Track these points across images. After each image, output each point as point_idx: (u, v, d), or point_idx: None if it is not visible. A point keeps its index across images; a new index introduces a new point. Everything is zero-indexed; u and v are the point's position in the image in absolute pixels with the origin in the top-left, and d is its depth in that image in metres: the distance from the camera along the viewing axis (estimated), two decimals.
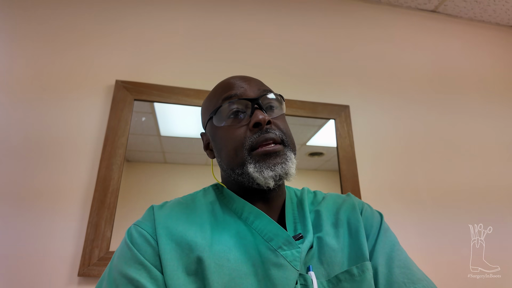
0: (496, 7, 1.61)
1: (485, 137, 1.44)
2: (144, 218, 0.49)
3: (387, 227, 0.53)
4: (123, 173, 1.00)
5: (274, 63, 1.31)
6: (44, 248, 0.89)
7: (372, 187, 1.20)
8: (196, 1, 1.33)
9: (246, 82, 0.53)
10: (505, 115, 1.52)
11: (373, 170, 1.24)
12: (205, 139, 0.59)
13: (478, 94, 1.53)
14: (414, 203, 1.23)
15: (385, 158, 1.27)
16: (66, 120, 1.03)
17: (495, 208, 1.30)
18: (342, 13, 1.50)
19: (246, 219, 0.49)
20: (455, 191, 1.29)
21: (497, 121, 1.49)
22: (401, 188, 1.24)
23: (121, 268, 0.42)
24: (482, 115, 1.48)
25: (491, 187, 1.33)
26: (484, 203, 1.29)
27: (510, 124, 1.50)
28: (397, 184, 1.24)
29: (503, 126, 1.49)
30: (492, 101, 1.53)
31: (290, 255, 0.44)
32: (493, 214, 1.28)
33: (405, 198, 1.22)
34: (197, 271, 0.42)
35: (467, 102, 1.49)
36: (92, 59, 1.13)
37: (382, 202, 1.19)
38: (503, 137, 1.46)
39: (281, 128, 0.50)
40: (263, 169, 0.46)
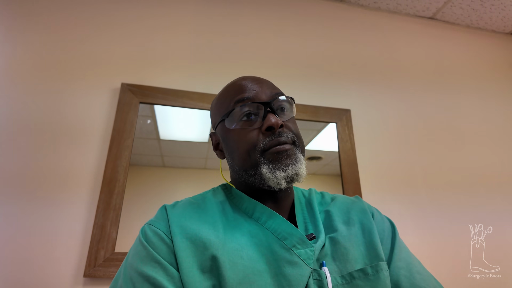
0: (492, 15, 1.65)
1: (483, 140, 1.46)
2: (157, 217, 0.49)
3: (398, 233, 0.56)
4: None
5: (277, 66, 1.34)
6: (50, 249, 0.89)
7: (374, 190, 1.22)
8: (202, 5, 1.35)
9: (258, 84, 0.54)
10: (501, 120, 1.55)
11: (374, 174, 1.25)
12: (214, 139, 0.59)
13: (477, 97, 1.56)
14: (415, 205, 1.24)
15: (386, 162, 1.29)
16: (72, 123, 1.04)
17: (497, 203, 1.32)
18: (343, 19, 1.53)
19: (258, 218, 0.50)
20: (456, 193, 1.31)
21: (495, 128, 1.52)
22: (402, 191, 1.26)
23: (137, 266, 0.43)
24: (481, 119, 1.51)
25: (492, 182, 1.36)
26: (485, 199, 1.31)
27: (507, 128, 1.53)
28: (398, 187, 1.26)
29: (500, 131, 1.52)
30: (489, 105, 1.56)
31: (304, 254, 0.45)
32: (493, 214, 1.30)
33: (406, 200, 1.24)
34: (212, 269, 0.43)
35: (466, 106, 1.52)
36: (98, 62, 1.14)
37: (384, 205, 1.20)
38: (499, 141, 1.49)
39: (292, 131, 0.52)
40: (276, 170, 0.47)
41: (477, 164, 1.40)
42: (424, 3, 1.58)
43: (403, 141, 1.36)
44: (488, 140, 1.47)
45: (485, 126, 1.50)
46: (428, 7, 1.60)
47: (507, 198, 1.37)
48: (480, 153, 1.43)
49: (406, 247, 0.55)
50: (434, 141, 1.40)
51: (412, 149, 1.35)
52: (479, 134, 1.47)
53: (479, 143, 1.45)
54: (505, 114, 1.57)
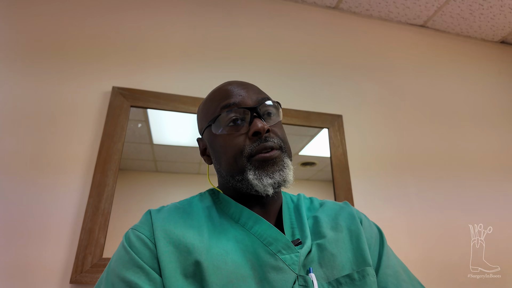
0: (481, 24, 1.69)
1: (477, 147, 1.48)
2: (142, 222, 0.49)
3: (386, 240, 0.56)
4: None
5: (269, 71, 1.34)
6: (36, 254, 0.88)
7: (365, 195, 1.22)
8: (194, 9, 1.36)
9: (244, 89, 0.54)
10: (493, 129, 1.57)
11: (366, 178, 1.26)
12: (201, 144, 0.59)
13: (468, 101, 1.58)
14: (406, 210, 1.25)
15: (377, 167, 1.30)
16: (62, 126, 1.03)
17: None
18: (336, 26, 1.55)
19: (244, 224, 0.50)
20: (447, 197, 1.32)
21: (487, 135, 1.54)
22: (394, 196, 1.26)
23: (119, 271, 0.43)
24: (472, 126, 1.53)
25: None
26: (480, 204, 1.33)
27: (499, 138, 1.56)
28: (390, 193, 1.27)
29: (492, 140, 1.54)
30: (481, 110, 1.58)
31: (289, 259, 0.45)
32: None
33: (396, 205, 1.25)
34: (195, 274, 0.42)
35: (460, 111, 1.54)
36: (89, 65, 1.14)
37: (375, 210, 1.21)
38: (495, 148, 1.51)
39: (279, 136, 0.52)
40: (262, 176, 0.47)
41: (474, 160, 1.42)
42: (415, 11, 1.61)
43: (395, 146, 1.37)
44: (485, 135, 1.49)
45: (482, 128, 1.52)
46: (419, 15, 1.63)
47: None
48: (479, 149, 1.45)
49: (394, 254, 0.55)
50: (426, 145, 1.41)
51: (403, 153, 1.36)
52: (471, 143, 1.49)
53: (475, 140, 1.47)
54: (495, 123, 1.59)
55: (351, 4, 1.56)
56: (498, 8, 1.58)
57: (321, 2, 1.54)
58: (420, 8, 1.59)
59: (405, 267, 0.54)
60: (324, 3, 1.55)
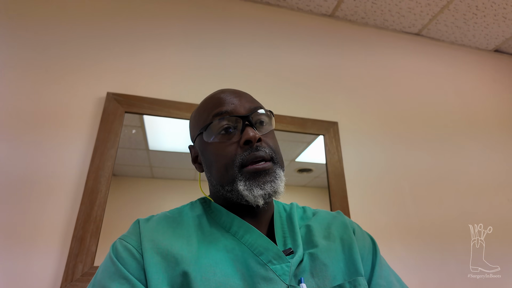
0: (476, 32, 1.71)
1: (471, 154, 1.48)
2: (130, 232, 0.48)
3: (379, 250, 0.56)
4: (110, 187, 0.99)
5: (265, 78, 1.35)
6: (25, 262, 0.86)
7: (360, 202, 1.22)
8: (189, 15, 1.36)
9: (237, 97, 0.53)
10: (488, 136, 1.58)
11: (361, 185, 1.26)
12: (193, 152, 0.59)
13: (462, 109, 1.59)
14: (401, 216, 1.24)
15: (373, 174, 1.30)
16: (55, 133, 1.02)
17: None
18: (331, 34, 1.56)
19: (235, 233, 0.49)
20: (441, 208, 1.32)
21: (482, 142, 1.55)
22: (389, 203, 1.26)
23: (104, 283, 0.42)
24: (467, 132, 1.54)
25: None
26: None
27: (494, 146, 1.56)
28: (385, 199, 1.26)
29: (487, 148, 1.54)
30: (475, 116, 1.59)
31: (279, 269, 0.44)
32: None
33: (392, 212, 1.24)
34: (182, 285, 0.41)
35: (451, 120, 1.55)
36: (83, 71, 1.13)
37: (370, 217, 1.20)
38: (493, 143, 1.52)
39: (270, 146, 0.51)
40: (253, 187, 0.47)
41: (468, 169, 1.42)
42: (410, 20, 1.62)
43: (390, 153, 1.37)
44: (479, 143, 1.50)
45: (479, 129, 1.53)
46: (414, 24, 1.65)
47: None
48: (473, 156, 1.45)
49: (387, 264, 0.55)
50: (421, 152, 1.41)
51: (399, 161, 1.36)
52: (469, 139, 1.50)
53: (469, 148, 1.48)
54: (492, 132, 1.60)
55: (347, 12, 1.57)
56: (492, 18, 1.60)
57: (317, 10, 1.55)
58: (415, 17, 1.60)
59: (399, 278, 0.54)
60: (320, 11, 1.56)
